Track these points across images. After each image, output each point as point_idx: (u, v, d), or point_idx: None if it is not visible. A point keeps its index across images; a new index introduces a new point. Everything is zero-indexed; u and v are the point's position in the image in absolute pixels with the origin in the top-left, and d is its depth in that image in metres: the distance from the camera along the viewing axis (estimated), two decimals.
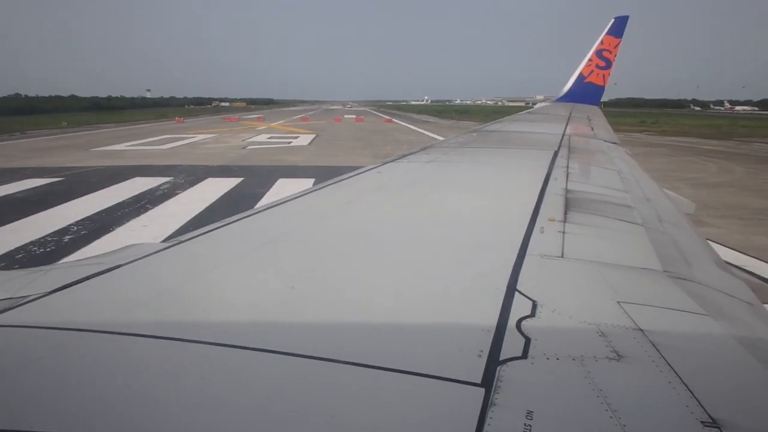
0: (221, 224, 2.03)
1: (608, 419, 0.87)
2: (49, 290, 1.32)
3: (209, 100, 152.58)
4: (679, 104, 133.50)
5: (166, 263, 1.61)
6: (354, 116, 57.78)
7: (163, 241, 1.80)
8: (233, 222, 2.07)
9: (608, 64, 12.09)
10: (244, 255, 1.69)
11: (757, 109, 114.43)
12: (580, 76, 12.44)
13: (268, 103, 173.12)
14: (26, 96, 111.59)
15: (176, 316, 1.22)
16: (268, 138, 28.25)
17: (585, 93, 12.28)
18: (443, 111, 79.32)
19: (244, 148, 23.26)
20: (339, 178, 3.10)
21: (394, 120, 50.12)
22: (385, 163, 3.78)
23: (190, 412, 0.87)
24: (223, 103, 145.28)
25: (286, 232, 2.00)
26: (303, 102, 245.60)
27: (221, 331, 1.15)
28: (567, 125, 7.49)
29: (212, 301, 1.31)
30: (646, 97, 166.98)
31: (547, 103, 12.79)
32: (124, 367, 1.01)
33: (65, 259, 7.24)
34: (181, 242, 1.78)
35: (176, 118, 49.10)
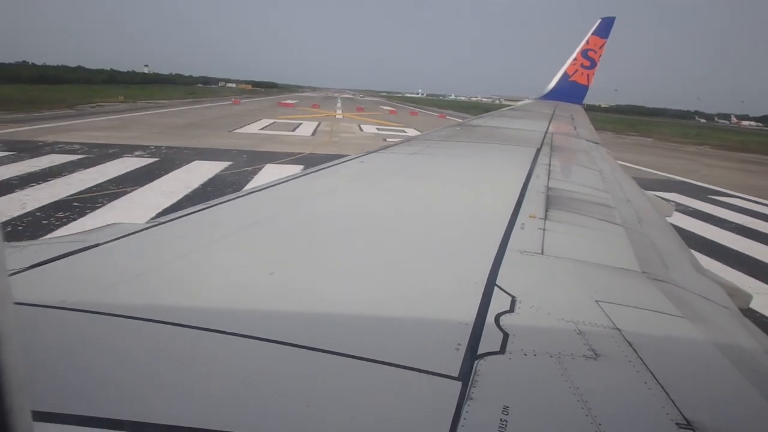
0: (202, 207, 2.04)
1: (584, 417, 0.88)
2: (25, 266, 1.30)
3: (216, 80, 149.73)
4: (684, 115, 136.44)
5: (146, 244, 1.60)
6: (390, 108, 57.49)
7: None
8: (214, 205, 2.09)
9: (593, 64, 12.10)
10: (222, 239, 1.69)
11: (761, 124, 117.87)
12: (565, 75, 12.42)
13: (271, 86, 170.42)
14: (34, 64, 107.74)
15: (153, 298, 1.22)
16: (377, 130, 28.09)
17: (569, 92, 12.29)
18: (466, 107, 79.40)
19: (385, 140, 23.18)
20: (322, 166, 3.09)
21: (447, 116, 50.23)
22: (369, 153, 3.80)
23: (165, 394, 0.87)
24: (229, 84, 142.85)
25: (266, 218, 2.01)
26: (302, 88, 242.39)
27: (197, 313, 1.14)
28: (550, 123, 7.54)
29: (189, 284, 1.31)
30: (647, 106, 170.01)
31: (531, 101, 12.74)
32: (99, 346, 1.01)
33: None
34: (162, 223, 1.77)
35: (233, 99, 48.45)
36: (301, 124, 28.07)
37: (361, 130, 27.07)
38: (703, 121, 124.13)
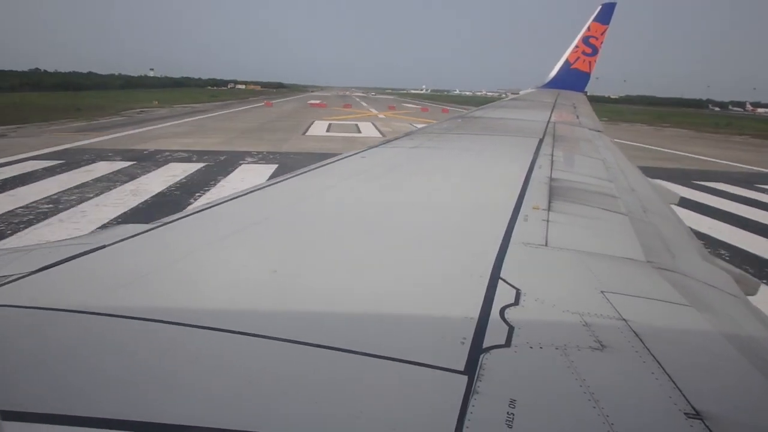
0: (204, 207, 2.05)
1: (591, 409, 0.87)
2: (31, 270, 1.30)
3: (224, 82, 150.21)
4: (698, 104, 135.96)
5: (151, 244, 1.61)
6: (421, 106, 57.64)
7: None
8: (216, 205, 2.08)
9: (594, 51, 11.90)
10: (226, 238, 1.70)
11: None
12: (566, 63, 12.19)
13: (279, 86, 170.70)
14: (46, 71, 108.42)
15: (159, 298, 1.22)
16: None
17: (571, 79, 12.11)
18: (479, 102, 78.90)
19: None
20: (322, 163, 3.07)
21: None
22: (370, 148, 3.76)
23: (172, 394, 0.87)
24: (238, 86, 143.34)
25: (268, 216, 2.01)
26: (309, 87, 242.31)
27: (201, 313, 1.15)
28: (552, 112, 7.42)
29: (194, 284, 1.32)
30: (657, 96, 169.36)
31: (533, 90, 12.62)
32: (106, 348, 1.01)
33: None
34: (165, 224, 1.78)
35: (265, 102, 48.85)
36: (356, 124, 28.43)
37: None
38: (717, 109, 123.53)
